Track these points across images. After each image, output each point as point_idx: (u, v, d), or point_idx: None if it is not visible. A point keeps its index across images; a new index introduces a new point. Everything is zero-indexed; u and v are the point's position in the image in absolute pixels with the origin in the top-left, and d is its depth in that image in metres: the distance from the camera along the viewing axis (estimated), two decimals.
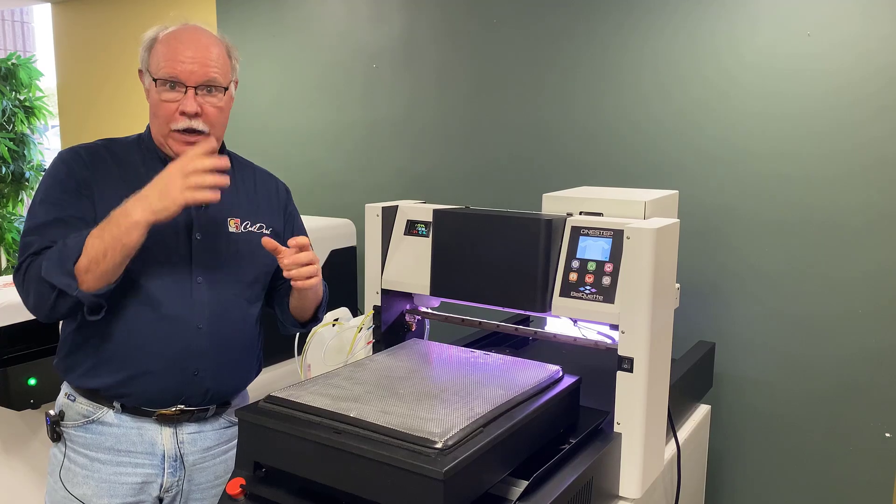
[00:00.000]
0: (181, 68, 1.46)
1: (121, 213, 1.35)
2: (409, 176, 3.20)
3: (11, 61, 4.93)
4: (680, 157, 2.57)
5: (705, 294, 2.54)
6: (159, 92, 1.47)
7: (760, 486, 2.54)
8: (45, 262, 1.36)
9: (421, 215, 1.86)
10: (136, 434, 1.53)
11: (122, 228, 1.33)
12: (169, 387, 1.52)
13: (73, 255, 1.34)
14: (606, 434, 1.56)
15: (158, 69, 1.47)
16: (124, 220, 1.34)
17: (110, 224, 1.35)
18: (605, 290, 1.54)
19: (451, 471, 1.13)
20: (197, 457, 1.59)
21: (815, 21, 2.31)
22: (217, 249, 1.54)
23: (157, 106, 1.49)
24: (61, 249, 1.36)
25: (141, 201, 1.35)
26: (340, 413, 1.29)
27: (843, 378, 2.36)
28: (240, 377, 1.65)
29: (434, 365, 1.61)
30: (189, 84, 1.47)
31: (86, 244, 1.34)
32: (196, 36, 1.51)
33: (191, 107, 1.46)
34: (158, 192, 1.35)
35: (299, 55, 3.50)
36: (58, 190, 1.46)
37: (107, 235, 1.34)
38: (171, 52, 1.47)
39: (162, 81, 1.47)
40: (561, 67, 2.78)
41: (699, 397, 2.22)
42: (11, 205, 5.03)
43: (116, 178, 1.50)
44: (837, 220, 2.33)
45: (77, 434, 1.54)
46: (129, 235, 1.34)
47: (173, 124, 1.48)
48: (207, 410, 1.59)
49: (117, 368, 1.49)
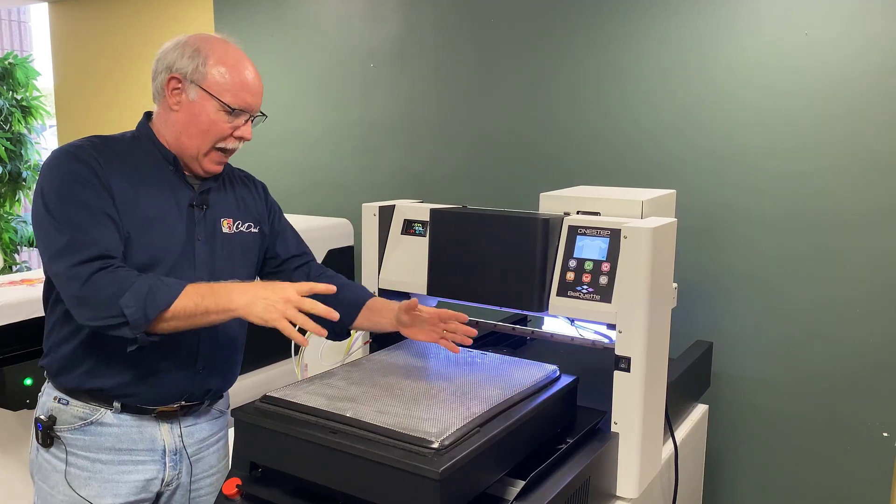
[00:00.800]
0: (252, 101, 1.52)
1: (225, 295, 1.36)
2: (407, 175, 3.20)
3: (8, 61, 4.93)
4: (676, 156, 2.57)
5: (703, 293, 2.54)
6: (217, 113, 1.49)
7: (758, 486, 2.54)
8: (129, 291, 1.33)
9: (418, 215, 1.86)
10: (136, 432, 1.52)
11: (220, 307, 1.36)
12: (176, 385, 1.52)
13: (163, 304, 1.34)
14: (604, 434, 1.56)
15: (224, 92, 1.49)
16: (225, 303, 1.36)
17: (210, 294, 1.36)
18: (603, 289, 1.54)
19: (447, 471, 1.12)
20: (193, 448, 1.60)
21: (812, 19, 2.31)
22: (215, 250, 1.56)
23: (209, 124, 1.49)
24: (152, 290, 1.34)
25: (247, 296, 1.36)
26: (337, 413, 1.29)
27: (841, 377, 2.36)
28: (234, 371, 1.68)
29: (431, 364, 1.60)
30: (254, 115, 1.54)
31: (177, 301, 1.35)
32: (252, 64, 1.57)
33: (248, 134, 1.53)
34: (264, 303, 1.35)
35: (296, 55, 3.49)
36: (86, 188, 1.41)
37: (202, 304, 1.35)
38: (242, 79, 1.51)
39: (230, 107, 1.49)
40: (558, 66, 2.78)
41: (697, 397, 2.22)
42: (8, 205, 5.02)
43: (126, 177, 1.48)
44: (835, 218, 2.33)
45: (75, 437, 1.52)
46: (219, 316, 1.37)
47: (223, 144, 1.52)
48: (203, 403, 1.61)
49: (124, 369, 1.48)
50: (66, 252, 1.36)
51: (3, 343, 1.99)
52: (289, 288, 1.37)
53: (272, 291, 1.36)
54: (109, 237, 1.39)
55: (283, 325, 1.33)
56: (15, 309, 2.02)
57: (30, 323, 2.04)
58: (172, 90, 1.49)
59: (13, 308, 2.02)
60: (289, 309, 1.34)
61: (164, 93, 1.50)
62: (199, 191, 1.57)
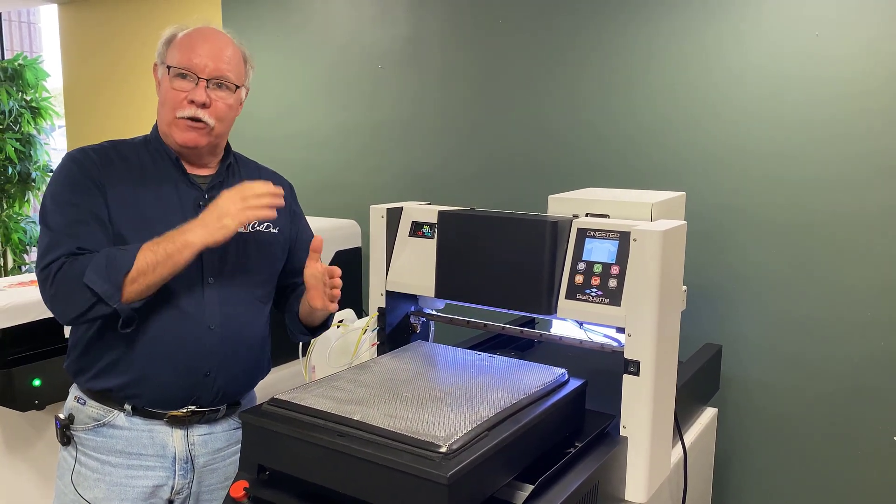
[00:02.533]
0: (196, 61, 1.50)
1: (177, 232, 1.40)
2: (414, 177, 3.20)
3: (18, 62, 4.95)
4: (687, 158, 2.55)
5: (712, 296, 2.52)
6: (171, 80, 1.51)
7: (767, 490, 2.53)
8: (89, 269, 1.37)
9: (426, 217, 1.85)
10: (147, 437, 1.53)
11: (177, 245, 1.39)
12: (181, 387, 1.52)
13: (124, 266, 1.37)
14: (612, 437, 1.55)
15: (173, 60, 1.51)
16: (179, 238, 1.39)
17: (165, 240, 1.39)
18: (612, 292, 1.53)
19: (455, 475, 1.12)
20: (207, 458, 1.59)
21: (823, 21, 2.29)
22: (227, 250, 1.54)
23: (166, 93, 1.52)
24: (110, 259, 1.37)
25: (198, 224, 1.40)
26: (344, 416, 1.28)
27: (851, 381, 2.34)
28: (250, 376, 1.65)
29: (439, 367, 1.60)
30: (201, 76, 1.51)
31: (136, 257, 1.38)
32: (215, 34, 1.56)
33: (200, 96, 1.50)
34: (217, 215, 1.40)
35: (305, 56, 3.49)
36: (75, 189, 1.46)
37: (160, 250, 1.38)
38: (189, 45, 1.52)
39: (175, 70, 1.50)
40: (567, 68, 2.77)
41: (706, 400, 2.21)
42: (18, 205, 5.04)
43: (126, 178, 1.51)
44: (846, 223, 2.31)
45: (87, 437, 1.53)
46: (181, 254, 1.39)
47: (179, 111, 1.50)
48: (218, 411, 1.59)
49: (129, 368, 1.49)
50: (44, 255, 1.42)
51: (12, 344, 2.00)
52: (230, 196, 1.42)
53: (218, 203, 1.42)
54: (90, 235, 1.43)
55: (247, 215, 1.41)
56: (23, 310, 2.03)
57: (38, 324, 2.04)
58: (156, 78, 1.56)
59: (22, 309, 2.03)
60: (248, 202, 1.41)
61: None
62: (207, 188, 1.57)
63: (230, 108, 1.56)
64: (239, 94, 1.58)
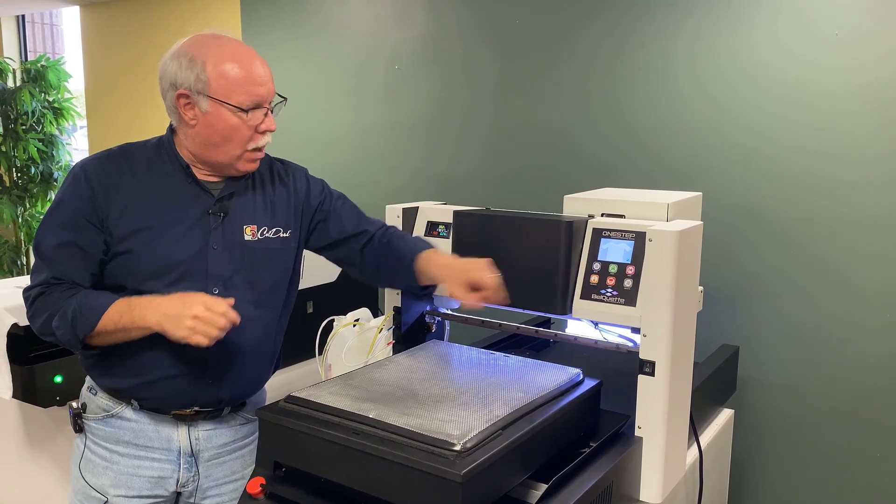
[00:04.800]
0: (263, 92, 1.48)
1: (139, 314, 1.40)
2: (430, 177, 3.21)
3: (41, 63, 5.02)
4: (703, 158, 2.54)
5: (729, 297, 2.51)
6: (234, 117, 1.46)
7: (784, 493, 2.51)
8: (58, 315, 1.43)
9: (441, 216, 1.86)
10: (153, 430, 1.55)
11: (136, 325, 1.41)
12: (183, 392, 1.53)
13: (87, 325, 1.42)
14: (627, 438, 1.54)
15: (233, 94, 1.44)
16: (139, 321, 1.40)
17: (128, 315, 1.41)
18: (627, 292, 1.53)
19: (469, 473, 1.12)
20: (212, 453, 1.60)
21: (843, 21, 2.27)
22: (233, 259, 1.53)
23: (231, 130, 1.46)
24: (76, 312, 1.42)
25: (157, 314, 1.38)
26: (360, 414, 1.29)
27: (869, 383, 2.32)
28: (254, 382, 1.65)
29: (454, 367, 1.60)
30: (266, 105, 1.50)
31: (102, 317, 1.41)
32: (253, 53, 1.50)
33: (272, 125, 1.51)
34: (175, 322, 1.36)
35: (322, 57, 3.51)
36: (67, 213, 1.47)
37: (121, 322, 1.41)
38: (247, 74, 1.46)
39: (243, 108, 1.46)
40: (583, 69, 2.76)
41: (722, 401, 2.20)
42: (40, 204, 5.12)
43: (132, 187, 1.49)
44: (863, 224, 2.29)
45: (98, 427, 1.57)
46: (139, 332, 1.42)
47: (254, 143, 1.50)
48: (222, 411, 1.60)
49: (132, 373, 1.51)
50: (31, 276, 1.49)
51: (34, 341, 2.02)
52: (197, 304, 1.36)
53: (182, 306, 1.37)
54: (69, 264, 1.46)
55: (196, 340, 1.35)
56: None
57: None
58: (185, 106, 1.46)
59: None
60: (199, 324, 1.35)
61: (178, 110, 1.47)
62: (218, 197, 1.54)
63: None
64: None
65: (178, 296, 1.40)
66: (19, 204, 5.02)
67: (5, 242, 5.11)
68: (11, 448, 2.13)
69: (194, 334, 1.35)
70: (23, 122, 4.97)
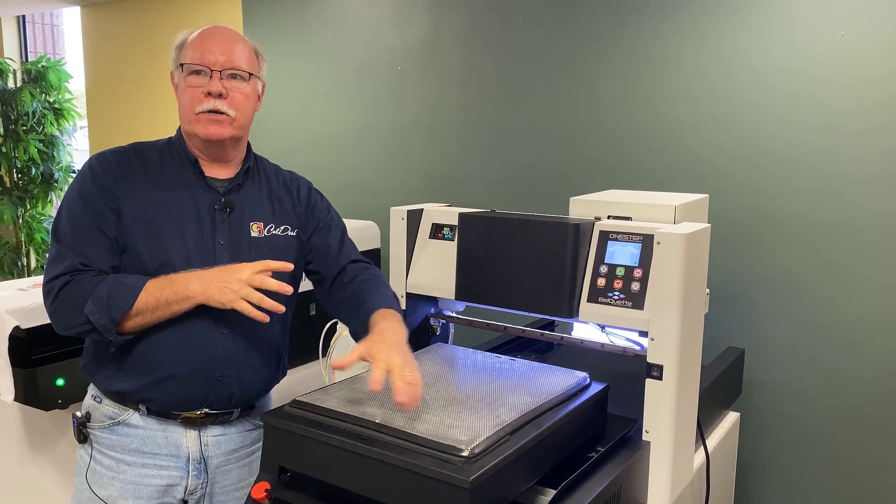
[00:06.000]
0: (208, 57, 1.52)
1: (182, 284, 1.42)
2: (434, 179, 3.19)
3: (42, 64, 5.00)
4: (709, 160, 2.53)
5: (734, 299, 2.50)
6: (186, 79, 1.53)
7: (790, 496, 2.49)
8: (91, 299, 1.39)
9: (447, 219, 1.85)
10: (161, 436, 1.53)
11: (178, 296, 1.42)
12: (193, 391, 1.52)
13: (124, 306, 1.40)
14: (634, 442, 1.53)
15: (186, 58, 1.53)
16: (182, 291, 1.41)
17: (169, 285, 1.42)
18: (635, 296, 1.52)
19: (477, 479, 1.11)
20: (221, 459, 1.59)
21: (849, 21, 2.26)
22: (240, 254, 1.54)
23: (183, 92, 1.54)
24: (112, 293, 1.40)
25: (203, 282, 1.41)
26: (366, 419, 1.28)
27: (876, 385, 2.31)
28: (264, 381, 1.64)
29: (460, 370, 1.59)
30: (214, 68, 1.52)
31: (138, 299, 1.40)
32: (223, 30, 1.58)
33: (215, 87, 1.51)
34: (220, 286, 1.41)
35: (324, 58, 3.50)
36: (87, 201, 1.48)
37: (162, 297, 1.41)
38: (199, 43, 1.54)
39: (188, 67, 1.52)
40: (587, 69, 2.75)
41: (728, 404, 2.19)
42: (41, 205, 5.10)
43: (141, 183, 1.52)
44: (870, 225, 2.28)
45: (103, 436, 1.55)
46: (180, 305, 1.43)
47: (198, 106, 1.52)
48: (231, 413, 1.59)
49: (141, 373, 1.49)
50: (49, 267, 1.45)
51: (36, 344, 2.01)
52: (244, 269, 1.41)
53: (228, 273, 1.41)
54: (93, 250, 1.45)
55: (241, 306, 1.39)
56: None
57: None
58: (175, 87, 1.58)
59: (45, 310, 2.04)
60: (243, 288, 1.39)
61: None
62: (224, 191, 1.57)
63: (247, 97, 1.56)
64: (254, 84, 1.59)
65: (221, 267, 1.44)
66: (20, 205, 5.00)
67: (6, 244, 5.09)
68: (13, 451, 2.12)
69: (239, 299, 1.38)
70: (23, 123, 4.95)
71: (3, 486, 2.14)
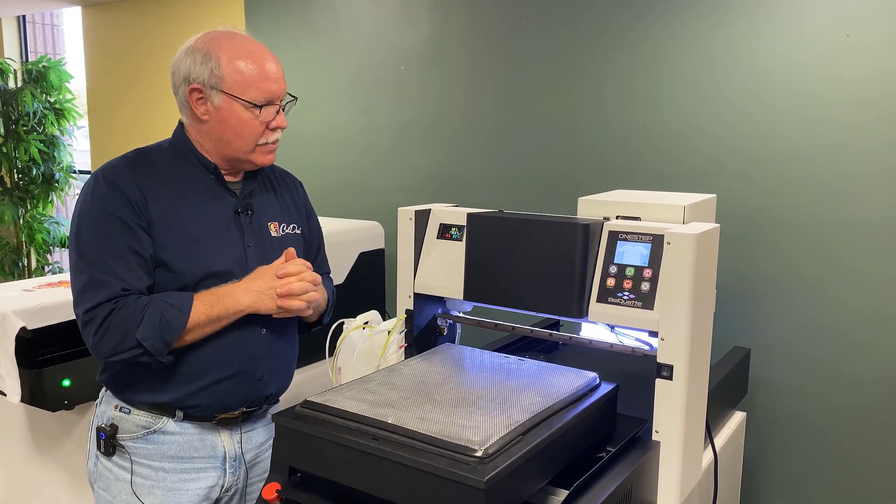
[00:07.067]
0: (276, 89, 1.50)
1: (231, 300, 1.45)
2: (439, 179, 3.19)
3: (42, 64, 4.99)
4: (716, 160, 2.53)
5: (740, 299, 2.50)
6: (246, 112, 1.48)
7: (795, 496, 2.50)
8: (143, 324, 1.37)
9: (454, 219, 1.85)
10: (197, 440, 1.53)
11: (230, 312, 1.45)
12: (236, 393, 1.53)
13: (177, 327, 1.40)
14: (645, 442, 1.53)
15: (246, 89, 1.47)
16: (233, 307, 1.46)
17: (217, 301, 1.44)
18: (645, 296, 1.52)
19: (492, 479, 1.11)
20: (253, 454, 1.62)
21: (854, 21, 2.26)
22: (265, 255, 1.56)
23: (243, 125, 1.48)
24: (164, 316, 1.39)
25: (251, 295, 1.46)
26: (378, 419, 1.28)
27: (882, 385, 2.31)
28: (290, 374, 1.69)
29: (469, 371, 1.59)
30: (281, 101, 1.52)
31: (189, 316, 1.41)
32: (266, 50, 1.54)
33: (284, 122, 1.54)
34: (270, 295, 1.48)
35: (328, 58, 3.50)
36: (111, 219, 1.41)
37: (213, 314, 1.43)
38: (260, 71, 1.49)
39: (256, 104, 1.48)
40: (593, 68, 2.75)
41: (734, 404, 2.19)
42: (42, 206, 5.09)
43: (162, 193, 1.47)
44: (876, 225, 2.28)
45: (137, 446, 1.51)
46: (230, 318, 1.47)
47: (263, 139, 1.52)
48: (262, 409, 1.63)
49: (185, 383, 1.48)
50: (84, 294, 1.39)
51: (42, 345, 2.01)
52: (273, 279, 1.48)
53: (264, 283, 1.47)
54: (131, 273, 1.40)
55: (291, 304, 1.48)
56: (53, 311, 2.04)
57: (68, 325, 2.06)
58: (197, 101, 1.48)
59: (51, 310, 2.04)
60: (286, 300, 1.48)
61: (190, 105, 1.48)
62: (243, 195, 1.57)
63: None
64: None
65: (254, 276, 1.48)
66: (20, 205, 5.00)
67: (6, 244, 5.08)
68: (19, 452, 2.12)
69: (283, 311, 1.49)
70: (24, 123, 4.94)
71: (10, 486, 2.14)
